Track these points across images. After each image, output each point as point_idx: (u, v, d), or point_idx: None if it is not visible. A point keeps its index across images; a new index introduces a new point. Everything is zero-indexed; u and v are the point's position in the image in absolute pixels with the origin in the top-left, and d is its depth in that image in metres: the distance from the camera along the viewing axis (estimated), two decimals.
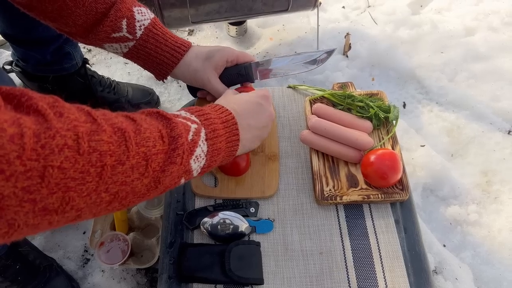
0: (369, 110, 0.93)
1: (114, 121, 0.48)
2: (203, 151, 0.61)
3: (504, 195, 1.34)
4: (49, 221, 0.42)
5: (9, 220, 0.38)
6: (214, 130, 0.64)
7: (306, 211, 0.86)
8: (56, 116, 0.41)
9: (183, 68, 0.84)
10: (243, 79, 0.91)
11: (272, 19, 1.78)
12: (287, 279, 0.78)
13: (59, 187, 0.40)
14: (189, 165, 0.58)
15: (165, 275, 0.80)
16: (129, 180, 0.48)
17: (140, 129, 0.51)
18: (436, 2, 1.84)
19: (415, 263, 0.80)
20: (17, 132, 0.36)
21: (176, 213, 0.86)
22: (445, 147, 1.44)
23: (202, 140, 0.61)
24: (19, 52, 1.21)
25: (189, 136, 0.58)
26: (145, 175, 0.50)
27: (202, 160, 0.61)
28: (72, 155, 0.41)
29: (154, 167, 0.51)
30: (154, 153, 0.51)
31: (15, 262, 1.03)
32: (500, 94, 1.55)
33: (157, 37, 0.80)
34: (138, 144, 0.49)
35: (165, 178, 0.54)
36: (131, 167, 0.48)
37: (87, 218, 0.48)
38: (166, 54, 0.82)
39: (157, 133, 0.53)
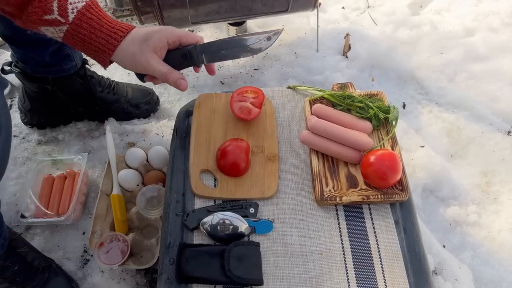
0: (368, 111, 0.93)
1: None
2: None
3: (504, 195, 1.34)
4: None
5: None
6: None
7: (306, 212, 0.86)
8: None
9: (120, 54, 0.80)
10: (189, 62, 0.85)
11: (271, 20, 1.78)
12: (286, 279, 0.78)
13: None
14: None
15: (164, 275, 0.80)
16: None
17: None
18: (436, 3, 1.84)
19: (415, 264, 0.80)
20: None
21: (175, 213, 0.86)
22: (444, 148, 1.44)
23: None
24: (18, 53, 1.21)
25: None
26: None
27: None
28: None
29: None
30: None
31: (14, 263, 1.03)
32: (499, 94, 1.55)
33: (91, 21, 0.76)
34: None
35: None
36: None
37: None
38: (102, 40, 0.77)
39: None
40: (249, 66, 1.63)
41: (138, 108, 1.45)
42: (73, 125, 1.44)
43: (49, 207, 1.22)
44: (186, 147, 0.96)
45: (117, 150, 1.35)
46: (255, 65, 1.63)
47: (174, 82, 0.82)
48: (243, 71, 1.62)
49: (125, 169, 1.24)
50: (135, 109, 1.44)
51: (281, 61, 1.65)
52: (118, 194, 1.18)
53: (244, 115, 0.95)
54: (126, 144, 1.40)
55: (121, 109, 1.42)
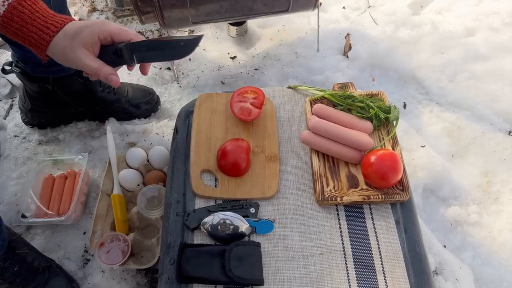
0: (369, 111, 0.93)
1: None
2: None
3: (505, 195, 1.34)
4: None
5: None
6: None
7: (307, 212, 0.86)
8: None
9: (53, 48, 0.76)
10: (120, 60, 0.81)
11: (272, 20, 1.77)
12: (287, 279, 0.78)
13: None
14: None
15: (165, 275, 0.79)
16: None
17: None
18: (437, 3, 1.84)
19: (416, 264, 0.80)
20: None
21: (176, 213, 0.86)
22: (445, 148, 1.44)
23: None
24: (18, 53, 1.21)
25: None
26: None
27: None
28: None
29: None
30: None
31: (13, 264, 1.03)
32: (500, 94, 1.54)
33: (22, 15, 0.73)
34: None
35: None
36: None
37: None
38: (34, 35, 0.74)
39: None
40: (249, 66, 1.63)
41: (139, 108, 1.45)
42: (73, 125, 1.44)
43: (50, 207, 1.22)
44: (186, 147, 0.96)
45: (118, 150, 1.35)
46: (256, 65, 1.63)
47: (105, 77, 0.79)
48: (244, 71, 1.62)
49: (126, 169, 1.24)
50: (135, 109, 1.44)
51: (281, 61, 1.65)
52: (119, 194, 1.18)
53: (244, 116, 0.95)
54: (127, 144, 1.40)
55: (122, 109, 1.42)
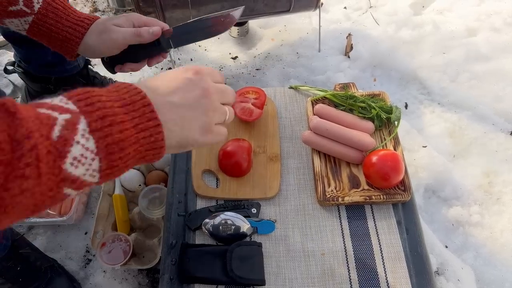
0: (371, 111, 0.93)
1: None
2: (87, 148, 0.44)
3: (507, 196, 1.33)
4: None
5: None
6: (104, 117, 0.46)
7: (308, 212, 0.86)
8: None
9: (85, 43, 0.78)
10: (157, 49, 0.81)
11: (273, 20, 1.78)
12: (288, 280, 0.78)
13: None
14: (66, 172, 0.42)
15: (166, 275, 0.80)
16: None
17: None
18: (438, 3, 1.84)
19: (417, 264, 0.80)
20: None
21: (177, 213, 0.86)
22: (447, 148, 1.44)
23: (82, 134, 0.44)
24: (21, 53, 1.21)
25: (53, 134, 0.42)
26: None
27: (92, 161, 0.44)
28: None
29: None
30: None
31: (16, 264, 1.03)
32: (502, 94, 1.54)
33: (57, 11, 0.75)
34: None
35: (15, 198, 0.40)
36: None
37: None
38: (68, 29, 0.76)
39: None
40: (251, 66, 1.63)
41: None
42: None
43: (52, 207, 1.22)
44: None
45: None
46: (257, 65, 1.63)
47: (146, 33, 0.78)
48: (245, 71, 1.62)
49: None
50: None
51: (283, 61, 1.65)
52: (120, 194, 1.18)
53: (245, 116, 0.95)
54: None
55: None
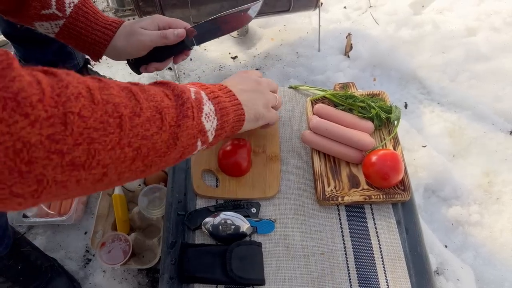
0: (370, 111, 0.93)
1: (117, 83, 0.49)
2: (210, 109, 0.61)
3: (506, 195, 1.34)
4: (77, 178, 0.42)
5: (38, 176, 0.37)
6: (213, 92, 0.64)
7: (308, 212, 0.86)
8: (64, 74, 0.42)
9: (113, 45, 0.83)
10: (179, 47, 0.86)
11: (273, 20, 1.78)
12: (288, 279, 0.78)
13: (83, 138, 0.40)
14: (202, 123, 0.58)
15: (166, 275, 0.80)
16: (149, 134, 0.49)
17: (144, 88, 0.52)
18: (438, 2, 1.84)
19: (417, 264, 0.80)
20: (34, 80, 0.37)
21: (177, 213, 0.86)
22: (446, 148, 1.44)
23: (206, 99, 0.61)
24: (21, 51, 1.22)
25: (192, 95, 0.58)
26: (163, 129, 0.51)
27: (213, 119, 0.61)
28: (88, 104, 0.41)
29: (169, 121, 0.52)
30: (165, 106, 0.52)
31: (17, 263, 1.03)
32: (502, 94, 1.54)
33: (87, 15, 0.80)
34: (147, 99, 0.50)
35: (182, 133, 0.54)
36: (148, 120, 0.49)
37: (113, 180, 0.48)
38: (98, 32, 0.81)
39: (161, 92, 0.54)
40: (250, 66, 1.63)
41: None
42: None
43: (51, 206, 1.22)
44: None
45: None
46: (257, 65, 1.63)
47: (172, 35, 0.83)
48: None
49: None
50: None
51: (282, 60, 1.65)
52: (120, 194, 1.18)
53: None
54: None
55: None
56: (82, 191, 0.44)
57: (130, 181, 0.52)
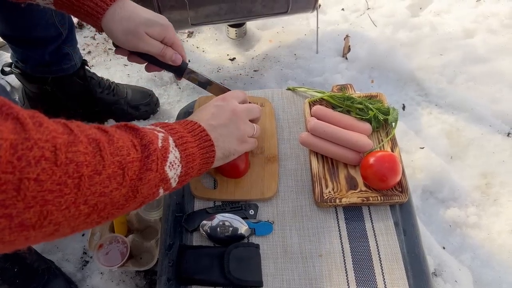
0: (368, 112, 0.93)
1: (88, 132, 0.49)
2: (176, 157, 0.61)
3: (504, 197, 1.34)
4: (26, 236, 0.41)
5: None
6: (181, 137, 0.64)
7: (306, 213, 0.86)
8: (35, 126, 0.41)
9: (109, 19, 0.78)
10: (170, 69, 0.87)
11: (271, 21, 1.78)
12: (286, 281, 0.78)
13: (36, 201, 0.39)
14: (165, 173, 0.59)
15: (164, 277, 0.79)
16: (108, 191, 0.48)
17: (113, 139, 0.52)
18: (436, 5, 1.84)
19: (415, 266, 0.80)
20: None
21: (175, 215, 0.86)
22: (444, 149, 1.44)
23: (172, 146, 0.61)
24: (18, 53, 1.21)
25: (159, 143, 0.58)
26: (123, 184, 0.51)
27: (178, 167, 0.61)
28: (49, 167, 0.40)
29: (131, 175, 0.52)
30: (129, 161, 0.52)
31: (13, 265, 1.03)
32: (499, 96, 1.55)
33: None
34: (113, 153, 0.50)
35: (143, 187, 0.54)
36: (108, 177, 0.48)
37: (65, 233, 0.47)
38: (90, 3, 0.76)
39: (130, 143, 0.54)
40: (248, 67, 1.63)
41: (138, 110, 1.45)
42: None
43: None
44: None
45: None
46: (255, 67, 1.64)
47: (170, 56, 0.83)
48: (243, 73, 1.62)
49: None
50: (134, 110, 1.44)
51: (280, 62, 1.65)
52: None
53: None
54: None
55: (121, 111, 1.42)
56: (32, 244, 0.44)
57: (86, 229, 0.52)
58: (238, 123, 0.76)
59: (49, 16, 1.10)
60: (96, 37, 1.74)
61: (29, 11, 1.06)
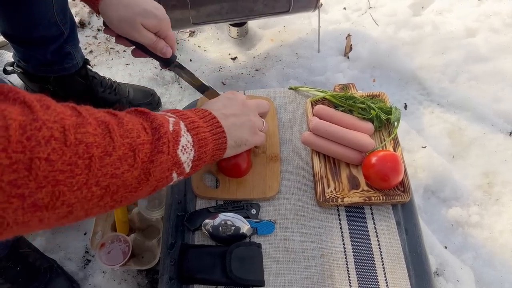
0: (370, 112, 0.93)
1: (97, 115, 0.49)
2: (188, 141, 0.61)
3: (506, 196, 1.34)
4: (40, 218, 0.41)
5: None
6: (193, 122, 0.64)
7: (307, 213, 0.86)
8: (43, 109, 0.41)
9: (107, 4, 0.77)
10: (157, 58, 0.86)
11: (273, 20, 1.78)
12: (288, 281, 0.78)
13: (47, 180, 0.39)
14: (178, 156, 0.58)
15: (166, 276, 0.79)
16: (119, 172, 0.48)
17: (123, 122, 0.52)
18: (437, 3, 1.84)
19: (417, 265, 0.80)
20: (2, 125, 0.36)
21: (177, 214, 0.86)
22: (446, 149, 1.44)
23: (184, 130, 0.61)
24: (20, 52, 1.21)
25: (170, 127, 0.58)
26: (134, 166, 0.51)
27: (190, 151, 0.61)
28: (59, 147, 0.40)
29: (142, 157, 0.52)
30: (139, 143, 0.52)
31: (16, 264, 1.03)
32: (501, 95, 1.54)
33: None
34: (122, 135, 0.50)
35: (155, 169, 0.54)
36: (119, 158, 0.48)
37: (80, 216, 0.47)
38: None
39: (140, 125, 0.54)
40: (250, 66, 1.63)
41: None
42: None
43: None
44: None
45: None
46: (257, 66, 1.63)
47: (161, 49, 0.82)
48: (245, 72, 1.62)
49: None
50: None
51: (282, 61, 1.65)
52: None
53: None
54: None
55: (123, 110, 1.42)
56: (47, 227, 0.44)
57: (101, 214, 0.52)
58: (249, 114, 0.77)
59: (51, 15, 1.10)
60: (98, 37, 1.74)
61: (31, 10, 1.06)
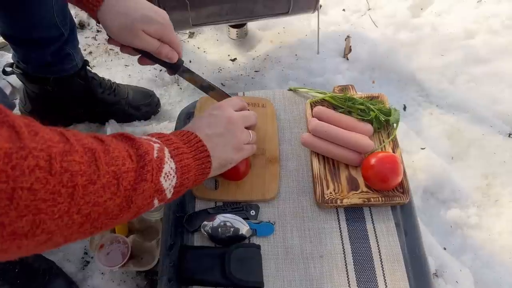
0: (369, 113, 0.93)
1: (84, 142, 0.49)
2: (171, 168, 0.61)
3: (505, 198, 1.34)
4: (18, 245, 0.41)
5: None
6: (177, 148, 0.64)
7: (307, 214, 0.86)
8: (30, 135, 0.40)
9: (107, 10, 0.76)
10: (164, 65, 0.86)
11: (272, 22, 1.78)
12: (287, 282, 0.78)
13: (29, 210, 0.39)
14: (160, 183, 0.58)
15: (165, 277, 0.79)
16: (102, 201, 0.48)
17: (109, 149, 0.52)
18: (437, 5, 1.84)
19: (416, 266, 0.80)
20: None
21: (176, 215, 0.86)
22: (445, 150, 1.44)
23: (168, 157, 0.61)
24: (20, 53, 1.21)
25: (154, 154, 0.58)
26: (117, 194, 0.51)
27: (173, 178, 0.61)
28: (43, 176, 0.40)
29: (125, 185, 0.52)
30: (124, 171, 0.52)
31: (14, 265, 1.03)
32: (500, 97, 1.55)
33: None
34: (108, 163, 0.50)
35: (137, 197, 0.54)
36: (102, 187, 0.48)
37: (58, 243, 0.47)
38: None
39: (125, 152, 0.54)
40: (249, 68, 1.64)
41: (139, 110, 1.45)
42: (73, 127, 1.44)
43: None
44: None
45: None
46: (256, 67, 1.64)
47: (166, 54, 0.82)
48: (244, 73, 1.62)
49: None
50: (135, 111, 1.44)
51: (281, 63, 1.65)
52: None
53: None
54: None
55: (122, 111, 1.42)
56: (26, 254, 0.43)
57: (79, 239, 0.51)
58: (235, 131, 0.75)
59: (51, 16, 1.10)
60: (97, 38, 1.74)
61: (31, 11, 1.06)
